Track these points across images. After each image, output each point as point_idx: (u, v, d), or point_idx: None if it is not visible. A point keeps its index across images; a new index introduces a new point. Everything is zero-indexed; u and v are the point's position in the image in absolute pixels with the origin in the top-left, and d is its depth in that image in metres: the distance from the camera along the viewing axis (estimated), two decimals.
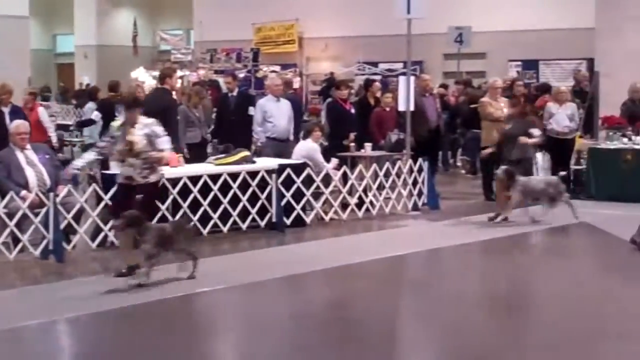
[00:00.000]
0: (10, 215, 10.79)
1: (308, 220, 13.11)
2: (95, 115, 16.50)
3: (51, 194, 10.88)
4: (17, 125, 11.63)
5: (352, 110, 15.75)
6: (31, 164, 11.37)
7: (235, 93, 16.44)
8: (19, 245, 10.83)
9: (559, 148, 15.46)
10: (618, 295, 9.42)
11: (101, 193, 11.43)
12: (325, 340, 7.89)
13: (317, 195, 13.29)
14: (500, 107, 15.16)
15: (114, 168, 11.84)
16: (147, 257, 9.42)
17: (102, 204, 11.38)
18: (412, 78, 15.15)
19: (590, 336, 7.93)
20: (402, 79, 15.11)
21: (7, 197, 10.78)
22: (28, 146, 11.51)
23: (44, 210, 10.87)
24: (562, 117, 15.38)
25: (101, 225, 11.38)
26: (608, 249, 11.62)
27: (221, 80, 27.99)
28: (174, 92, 14.70)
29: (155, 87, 14.91)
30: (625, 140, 15.13)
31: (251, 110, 15.53)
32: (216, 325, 8.66)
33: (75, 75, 37.93)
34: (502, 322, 8.42)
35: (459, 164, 20.25)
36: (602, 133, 16.26)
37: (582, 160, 15.75)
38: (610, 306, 8.96)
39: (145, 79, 29.35)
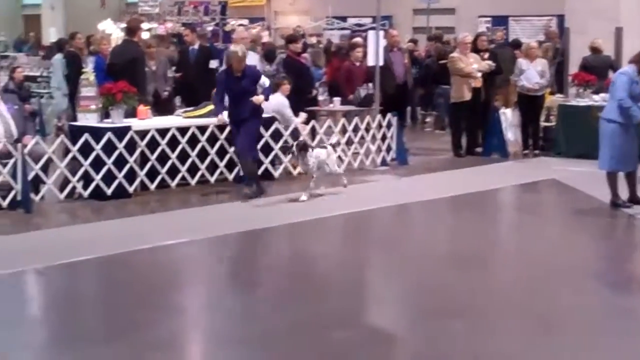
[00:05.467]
0: None
1: (276, 174, 13.09)
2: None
3: (19, 145, 10.78)
4: None
5: (308, 64, 15.64)
6: None
7: (196, 46, 16.18)
8: None
9: (528, 104, 15.50)
10: (584, 250, 9.53)
11: (69, 144, 11.36)
12: (290, 294, 7.91)
13: (285, 149, 13.25)
14: (470, 63, 15.18)
15: (82, 119, 11.78)
16: None
17: (70, 155, 11.31)
18: (382, 33, 15.08)
19: (553, 291, 7.99)
20: (371, 33, 15.03)
21: None
22: None
23: (11, 161, 10.78)
24: (533, 73, 15.39)
25: (69, 176, 11.32)
26: (576, 205, 11.70)
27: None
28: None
29: (123, 39, 14.74)
30: (595, 97, 15.16)
31: (212, 64, 15.34)
32: (181, 278, 8.62)
33: (42, 27, 37.44)
34: (468, 279, 8.43)
35: (428, 119, 20.26)
36: (572, 90, 16.31)
37: (552, 117, 15.81)
38: (576, 261, 9.06)
39: (112, 31, 29.05)
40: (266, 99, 11.90)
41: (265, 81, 11.88)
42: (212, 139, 12.39)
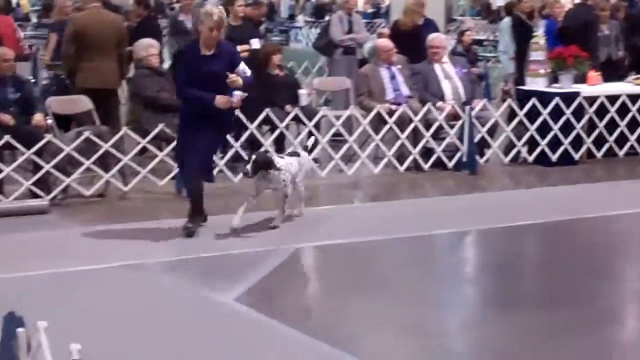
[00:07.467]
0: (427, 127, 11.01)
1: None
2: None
3: (467, 107, 10.95)
4: (432, 39, 11.73)
5: None
6: (447, 77, 11.47)
7: None
8: (433, 157, 11.02)
9: None
10: None
11: (516, 108, 11.35)
12: None
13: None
14: None
15: (530, 84, 11.69)
16: None
17: (516, 120, 11.30)
18: None
19: None
20: None
21: (425, 108, 10.98)
22: (445, 59, 11.61)
23: (459, 123, 10.98)
24: None
25: (515, 140, 11.31)
26: None
27: None
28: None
29: (576, 3, 14.42)
30: None
31: None
32: (626, 249, 8.24)
33: None
34: None
35: None
36: None
37: None
38: None
39: None
40: (244, 90, 8.28)
41: (245, 69, 8.29)
42: None
